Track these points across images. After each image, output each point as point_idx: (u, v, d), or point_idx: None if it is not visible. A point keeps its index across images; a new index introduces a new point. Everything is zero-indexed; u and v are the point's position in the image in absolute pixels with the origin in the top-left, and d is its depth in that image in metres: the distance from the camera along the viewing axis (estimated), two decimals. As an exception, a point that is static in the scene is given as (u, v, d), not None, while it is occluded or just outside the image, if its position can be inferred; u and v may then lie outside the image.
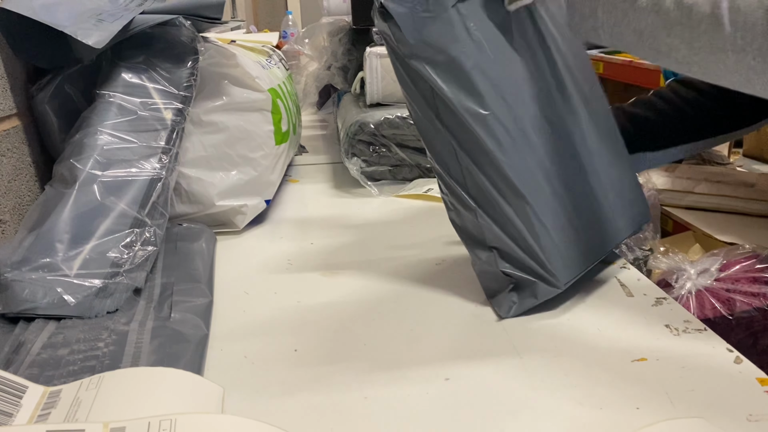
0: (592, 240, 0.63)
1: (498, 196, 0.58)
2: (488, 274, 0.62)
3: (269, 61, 0.99)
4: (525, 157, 0.58)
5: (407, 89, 0.59)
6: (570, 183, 0.61)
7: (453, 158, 0.59)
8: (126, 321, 0.57)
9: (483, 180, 0.58)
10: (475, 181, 0.58)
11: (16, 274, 0.59)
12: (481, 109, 0.55)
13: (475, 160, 0.57)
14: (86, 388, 0.44)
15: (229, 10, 2.75)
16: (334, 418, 0.47)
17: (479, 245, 0.61)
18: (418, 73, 0.56)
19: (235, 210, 0.83)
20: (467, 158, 0.58)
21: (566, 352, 0.54)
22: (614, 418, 0.46)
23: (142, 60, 0.76)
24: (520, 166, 0.57)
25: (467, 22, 0.55)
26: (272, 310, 0.64)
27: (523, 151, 0.57)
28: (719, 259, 1.05)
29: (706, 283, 1.02)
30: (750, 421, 0.45)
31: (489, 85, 0.55)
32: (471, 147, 0.57)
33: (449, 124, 0.57)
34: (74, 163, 0.67)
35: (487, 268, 0.62)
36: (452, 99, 0.55)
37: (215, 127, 0.82)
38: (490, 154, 0.56)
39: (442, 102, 0.56)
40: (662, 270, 1.07)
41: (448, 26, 0.54)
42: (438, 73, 0.55)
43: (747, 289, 0.98)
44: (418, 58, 0.55)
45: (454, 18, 0.54)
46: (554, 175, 0.60)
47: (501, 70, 0.57)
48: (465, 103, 0.55)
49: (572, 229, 0.61)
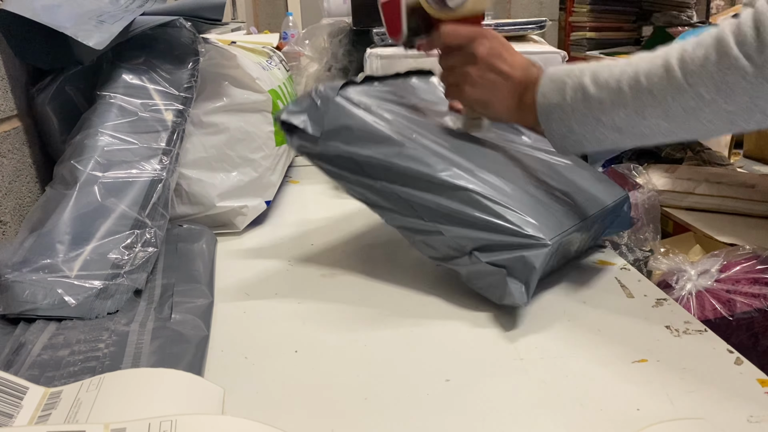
0: (565, 206, 0.65)
1: (445, 201, 0.62)
2: (480, 276, 0.62)
3: (270, 63, 0.99)
4: (450, 160, 0.64)
5: (340, 178, 0.67)
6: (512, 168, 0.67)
7: (398, 201, 0.64)
8: (126, 322, 0.57)
9: (428, 199, 0.62)
10: (423, 206, 0.63)
11: (16, 275, 0.59)
12: (395, 146, 0.64)
13: (413, 188, 0.63)
14: (87, 389, 0.44)
15: (230, 11, 2.75)
16: (335, 419, 0.47)
17: (462, 258, 0.62)
18: (338, 155, 0.65)
19: (236, 211, 0.83)
20: (407, 190, 0.63)
21: (567, 353, 0.54)
22: (615, 419, 0.46)
23: (143, 61, 0.76)
24: (449, 169, 0.62)
25: (352, 99, 0.68)
26: (272, 311, 0.64)
27: (447, 157, 0.64)
28: (720, 260, 1.05)
29: (706, 284, 1.02)
30: (751, 422, 0.45)
31: (390, 128, 0.65)
32: (405, 180, 0.63)
33: (381, 175, 0.64)
34: (75, 164, 0.67)
35: (475, 269, 0.61)
36: (371, 153, 0.64)
37: (216, 128, 0.82)
38: (420, 174, 0.62)
39: (365, 163, 0.64)
40: (663, 271, 1.07)
41: (339, 108, 0.67)
42: (350, 143, 0.65)
43: (747, 290, 0.98)
44: (331, 142, 0.66)
45: (340, 102, 0.67)
46: (489, 165, 0.65)
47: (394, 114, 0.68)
48: (381, 149, 0.64)
49: (535, 201, 0.63)
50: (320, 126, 0.66)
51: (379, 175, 0.64)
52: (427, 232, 0.63)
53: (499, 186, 0.63)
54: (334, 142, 0.66)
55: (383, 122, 0.66)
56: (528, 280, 0.59)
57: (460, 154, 0.65)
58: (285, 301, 0.66)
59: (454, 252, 0.62)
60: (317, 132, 0.66)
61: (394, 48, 1.01)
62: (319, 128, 0.66)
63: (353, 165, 0.65)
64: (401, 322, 0.60)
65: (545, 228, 0.60)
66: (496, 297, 0.61)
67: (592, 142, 0.59)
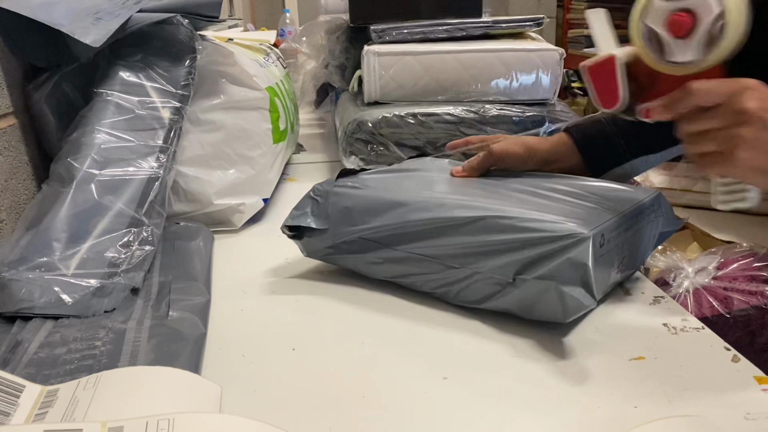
0: (596, 207, 0.61)
1: (468, 238, 0.58)
2: (534, 300, 0.56)
3: (267, 60, 0.98)
4: (458, 201, 0.61)
5: (362, 263, 0.66)
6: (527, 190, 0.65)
7: (424, 261, 0.61)
8: (123, 319, 0.57)
9: (451, 244, 0.59)
10: (449, 254, 0.60)
11: (13, 273, 0.59)
12: (401, 206, 0.63)
13: (433, 239, 0.60)
14: (84, 387, 0.44)
15: (227, 8, 2.75)
16: (333, 417, 0.47)
17: (507, 288, 0.57)
18: (351, 240, 0.65)
19: (233, 209, 0.83)
20: (428, 244, 0.61)
21: (564, 351, 0.54)
22: (612, 417, 0.46)
23: (140, 58, 0.75)
24: (460, 207, 0.60)
25: (347, 184, 0.68)
26: (270, 309, 0.64)
27: (453, 199, 0.62)
28: (717, 258, 1.05)
29: (703, 281, 1.02)
30: (747, 419, 0.45)
31: (392, 193, 0.65)
32: (422, 235, 0.61)
33: (398, 241, 0.63)
34: (71, 161, 0.67)
35: (525, 294, 0.56)
36: (381, 223, 0.63)
37: (213, 126, 0.82)
38: (434, 221, 0.60)
39: (379, 235, 0.64)
40: (660, 268, 1.07)
41: (340, 195, 0.67)
42: (358, 222, 0.65)
43: (744, 287, 0.98)
44: (340, 229, 0.66)
45: (339, 190, 0.68)
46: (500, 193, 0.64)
47: (392, 181, 0.69)
48: (389, 215, 0.63)
49: (560, 209, 0.59)
50: (326, 218, 0.67)
51: (396, 242, 0.63)
52: (464, 279, 0.59)
53: (516, 206, 0.59)
54: (342, 228, 0.66)
55: (384, 191, 0.66)
56: (586, 281, 0.53)
57: (464, 193, 0.64)
58: (282, 299, 0.66)
59: (498, 286, 0.58)
60: (324, 225, 0.67)
61: (391, 45, 1.01)
62: (325, 221, 0.67)
63: (369, 243, 0.65)
64: (398, 319, 0.60)
65: (580, 223, 0.55)
66: (561, 314, 0.55)
67: None
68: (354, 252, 0.66)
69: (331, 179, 0.70)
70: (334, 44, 1.30)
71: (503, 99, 1.00)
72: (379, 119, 0.96)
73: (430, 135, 0.95)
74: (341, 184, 0.68)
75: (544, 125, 0.95)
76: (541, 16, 1.06)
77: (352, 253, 0.67)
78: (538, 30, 1.08)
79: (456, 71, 0.99)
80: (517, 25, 1.05)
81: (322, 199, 0.68)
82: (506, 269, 0.56)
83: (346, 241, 0.66)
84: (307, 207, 0.69)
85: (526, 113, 0.95)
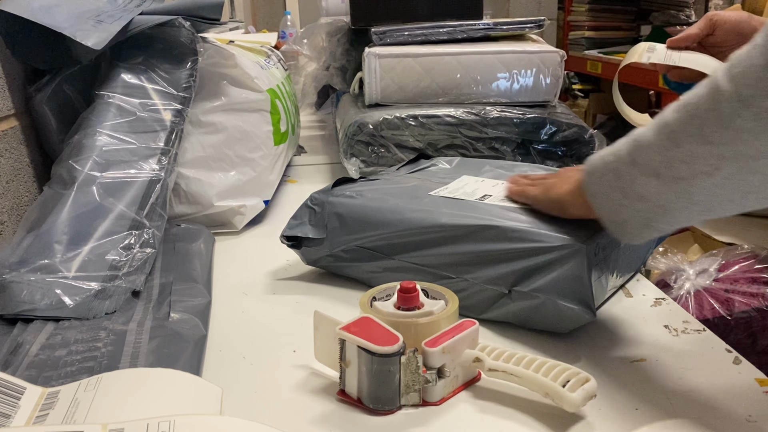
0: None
1: (462, 247, 0.59)
2: (532, 311, 0.56)
3: (268, 62, 0.99)
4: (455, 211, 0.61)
5: (360, 271, 0.66)
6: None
7: (421, 271, 0.61)
8: (124, 321, 0.57)
9: (446, 253, 0.60)
10: (445, 264, 0.60)
11: (14, 275, 0.59)
12: (394, 217, 0.63)
13: (429, 247, 0.61)
14: (84, 389, 0.44)
15: (228, 10, 2.75)
16: (333, 418, 0.47)
17: (503, 300, 0.57)
18: (348, 248, 0.65)
19: (234, 210, 0.83)
20: (423, 253, 0.61)
21: (565, 353, 0.54)
22: (613, 419, 0.46)
23: (141, 61, 0.75)
24: (457, 215, 0.60)
25: (344, 193, 0.68)
26: (271, 311, 0.64)
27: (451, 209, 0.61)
28: (718, 260, 1.05)
29: (704, 283, 1.02)
30: (749, 421, 0.45)
31: (385, 209, 0.64)
32: (418, 244, 0.61)
33: (395, 250, 0.63)
34: (73, 164, 0.67)
35: (522, 306, 0.56)
36: (376, 232, 0.63)
37: (214, 128, 0.82)
38: (430, 229, 0.60)
39: (376, 244, 0.64)
40: (661, 270, 1.08)
41: (336, 204, 0.67)
42: (355, 231, 0.65)
43: (746, 289, 0.98)
44: (337, 238, 0.66)
45: (335, 200, 0.67)
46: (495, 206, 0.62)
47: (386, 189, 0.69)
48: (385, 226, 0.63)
49: (553, 219, 0.58)
50: (323, 227, 0.67)
51: (393, 251, 0.63)
52: (461, 291, 0.58)
53: (510, 214, 0.59)
54: (339, 237, 0.66)
55: (379, 200, 0.66)
56: (582, 295, 0.53)
57: (461, 207, 0.62)
58: (283, 300, 0.66)
59: (495, 298, 0.58)
60: (322, 234, 0.67)
61: (392, 47, 1.01)
62: (322, 230, 0.67)
63: (366, 252, 0.65)
64: (400, 321, 0.60)
65: (574, 233, 0.54)
66: (563, 327, 0.56)
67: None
68: (352, 261, 0.66)
69: (327, 188, 0.70)
70: (335, 46, 1.30)
71: (504, 101, 1.00)
72: (380, 121, 0.96)
73: (430, 137, 0.95)
74: (337, 194, 0.68)
75: (545, 127, 0.95)
76: (542, 18, 1.06)
77: (350, 262, 0.67)
78: (538, 32, 1.08)
79: (457, 73, 0.99)
80: (517, 27, 1.05)
81: (318, 209, 0.68)
82: (501, 280, 0.57)
83: (344, 249, 0.66)
84: (304, 216, 0.69)
85: (526, 115, 0.95)
